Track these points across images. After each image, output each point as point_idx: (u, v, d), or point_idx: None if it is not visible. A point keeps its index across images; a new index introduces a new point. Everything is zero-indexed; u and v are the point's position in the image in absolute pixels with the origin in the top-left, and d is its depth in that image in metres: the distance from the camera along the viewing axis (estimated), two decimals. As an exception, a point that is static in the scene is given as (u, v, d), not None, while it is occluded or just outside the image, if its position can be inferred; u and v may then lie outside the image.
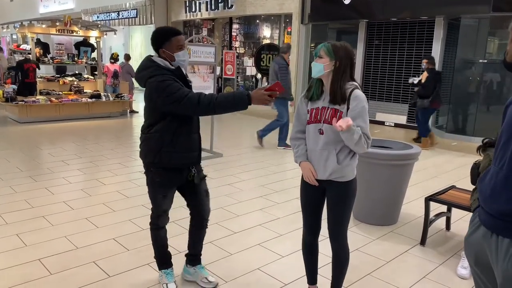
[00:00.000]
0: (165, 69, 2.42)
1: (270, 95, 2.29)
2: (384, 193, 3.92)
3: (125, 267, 3.06)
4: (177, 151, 2.48)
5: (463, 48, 8.81)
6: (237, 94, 2.35)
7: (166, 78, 2.36)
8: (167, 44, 2.42)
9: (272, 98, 2.31)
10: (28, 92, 9.39)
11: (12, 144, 7.15)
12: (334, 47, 2.26)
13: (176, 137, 2.46)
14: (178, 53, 2.42)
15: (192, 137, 2.53)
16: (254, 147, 7.37)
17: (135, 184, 5.05)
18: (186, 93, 2.33)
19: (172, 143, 2.46)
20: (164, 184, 2.57)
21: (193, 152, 2.54)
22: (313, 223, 2.52)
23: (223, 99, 2.33)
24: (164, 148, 2.47)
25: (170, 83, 2.35)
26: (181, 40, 2.45)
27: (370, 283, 2.97)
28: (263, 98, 2.29)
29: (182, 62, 2.46)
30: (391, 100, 10.36)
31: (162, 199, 2.61)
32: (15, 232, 3.56)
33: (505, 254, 1.38)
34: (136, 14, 16.23)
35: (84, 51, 11.33)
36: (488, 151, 3.48)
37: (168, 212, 2.69)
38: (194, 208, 2.76)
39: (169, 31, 2.48)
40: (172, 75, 2.41)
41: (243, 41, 15.05)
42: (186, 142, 2.50)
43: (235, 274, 3.00)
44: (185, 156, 2.51)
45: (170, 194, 2.62)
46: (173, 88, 2.33)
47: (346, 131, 2.15)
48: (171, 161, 2.50)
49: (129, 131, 9.03)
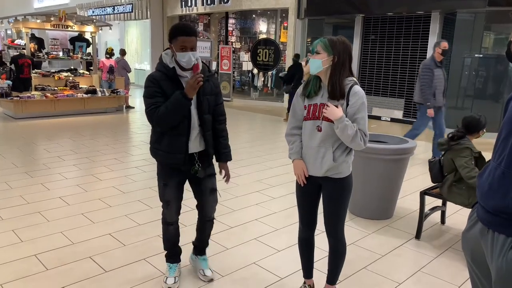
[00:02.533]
0: (163, 66, 2.49)
1: (195, 77, 2.37)
2: (380, 187, 3.94)
3: (122, 262, 3.06)
4: (161, 150, 2.55)
5: (459, 43, 8.82)
6: (172, 98, 2.41)
7: (151, 80, 2.47)
8: (174, 41, 2.44)
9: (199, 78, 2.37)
10: (23, 87, 9.33)
11: (8, 140, 7.12)
12: (331, 42, 2.23)
13: (162, 136, 2.53)
14: (179, 53, 2.41)
15: (177, 139, 2.51)
16: (250, 142, 7.37)
17: (131, 179, 5.05)
18: (150, 104, 2.44)
19: (158, 141, 2.55)
20: (163, 172, 2.64)
21: (177, 154, 2.52)
22: (309, 218, 2.52)
23: (164, 107, 2.41)
24: (154, 144, 2.59)
25: (149, 86, 2.46)
26: (185, 41, 2.38)
27: (366, 276, 2.99)
28: (191, 84, 2.38)
29: (183, 63, 2.44)
30: (387, 95, 10.38)
31: (163, 188, 2.64)
32: (11, 228, 3.56)
33: (500, 250, 1.37)
34: (132, 9, 16.13)
35: (79, 46, 11.26)
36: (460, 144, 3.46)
37: (172, 205, 2.67)
38: (198, 204, 2.79)
39: (179, 29, 2.43)
40: (165, 73, 2.46)
41: (239, 36, 15.02)
42: (171, 143, 2.51)
43: (232, 269, 3.01)
44: (168, 156, 2.54)
45: (171, 184, 2.62)
46: (147, 92, 2.47)
47: (335, 122, 2.15)
48: (157, 158, 2.61)
49: (125, 126, 9.00)
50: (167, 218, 2.72)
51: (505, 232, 1.37)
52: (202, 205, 2.76)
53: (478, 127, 3.47)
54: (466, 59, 8.87)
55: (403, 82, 10.10)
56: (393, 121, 10.21)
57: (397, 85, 10.21)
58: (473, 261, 1.55)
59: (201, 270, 2.86)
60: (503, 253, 1.36)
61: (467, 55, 8.81)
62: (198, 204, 2.79)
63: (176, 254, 2.84)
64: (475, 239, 1.51)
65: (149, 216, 3.87)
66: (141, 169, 5.51)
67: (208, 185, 2.70)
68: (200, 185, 2.68)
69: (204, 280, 2.83)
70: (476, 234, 1.50)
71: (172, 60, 2.47)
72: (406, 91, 10.06)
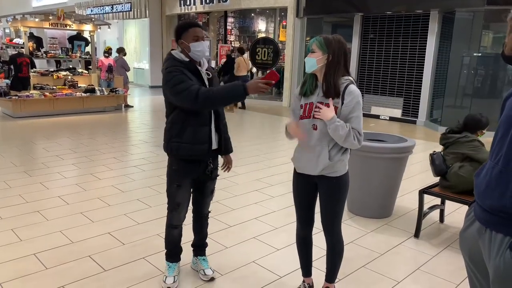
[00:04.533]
0: (178, 61, 2.46)
1: (266, 83, 2.31)
2: (379, 186, 3.95)
3: (121, 261, 3.06)
4: (184, 142, 2.50)
5: (457, 42, 8.83)
6: (233, 86, 2.40)
7: (174, 70, 2.41)
8: (184, 34, 2.47)
9: (268, 86, 2.34)
10: (21, 86, 9.30)
11: (6, 139, 7.11)
12: (326, 40, 2.24)
13: (184, 129, 2.49)
14: (194, 43, 2.45)
15: (201, 130, 2.51)
16: (249, 140, 7.37)
17: (130, 178, 5.05)
18: (187, 87, 2.35)
19: (179, 135, 2.51)
20: (179, 172, 2.59)
21: (200, 145, 2.51)
22: (306, 217, 2.53)
23: (220, 91, 2.37)
24: (173, 139, 2.53)
25: (176, 75, 2.39)
26: (197, 31, 2.48)
27: (364, 275, 3.00)
28: (258, 86, 2.31)
29: (197, 53, 2.48)
30: (386, 94, 10.39)
31: (176, 189, 2.61)
32: (10, 227, 3.55)
33: (498, 249, 1.37)
34: (130, 7, 16.11)
35: (78, 45, 11.22)
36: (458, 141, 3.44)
37: (182, 207, 2.66)
38: (195, 203, 2.81)
39: (189, 22, 2.55)
40: (184, 67, 2.44)
41: (238, 35, 15.00)
42: (194, 134, 2.50)
43: (231, 267, 3.02)
44: (192, 148, 2.50)
45: (185, 185, 2.61)
46: (177, 80, 2.37)
47: (328, 122, 2.16)
48: (179, 152, 2.53)
49: (124, 125, 8.99)
50: (174, 221, 2.69)
51: (503, 231, 1.36)
52: (201, 203, 2.80)
53: (477, 127, 3.49)
54: (465, 58, 8.88)
55: (401, 80, 10.11)
56: (391, 119, 10.22)
57: (395, 83, 10.22)
58: (471, 260, 1.55)
59: (201, 270, 2.87)
60: (500, 252, 1.36)
61: (466, 54, 8.81)
62: (195, 202, 2.81)
63: (177, 254, 2.85)
64: (472, 238, 1.51)
65: (148, 215, 3.87)
66: (140, 168, 5.51)
67: (211, 186, 2.76)
68: (205, 185, 2.72)
69: (205, 279, 2.83)
70: (474, 233, 1.50)
71: (183, 56, 2.49)
72: (405, 90, 10.07)
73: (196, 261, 2.93)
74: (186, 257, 3.03)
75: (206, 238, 2.95)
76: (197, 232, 2.90)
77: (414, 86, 9.90)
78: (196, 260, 2.94)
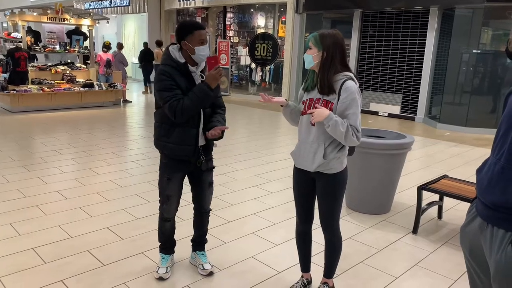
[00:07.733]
0: (173, 60, 2.48)
1: (215, 70, 2.42)
2: (377, 182, 3.95)
3: (119, 256, 3.07)
4: (171, 143, 2.55)
5: (457, 39, 8.82)
6: (197, 88, 2.45)
7: (164, 73, 2.45)
8: (189, 37, 2.45)
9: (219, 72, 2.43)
10: (19, 81, 9.26)
11: (4, 133, 7.08)
12: (321, 37, 2.23)
13: (172, 129, 2.53)
14: (199, 47, 2.45)
15: (188, 132, 2.53)
16: (248, 136, 7.37)
17: (128, 173, 5.05)
18: (168, 99, 2.41)
19: (167, 134, 2.55)
20: (169, 166, 2.64)
21: (186, 146, 2.55)
22: (305, 212, 2.53)
23: (190, 98, 2.43)
24: (160, 138, 2.58)
25: (163, 79, 2.44)
26: (203, 34, 2.47)
27: (363, 270, 3.01)
28: (213, 76, 2.43)
29: (201, 57, 2.49)
30: (385, 90, 10.39)
31: (166, 182, 2.65)
32: (8, 222, 3.55)
33: (499, 245, 1.37)
34: (129, 2, 16.02)
35: (76, 40, 11.18)
36: None
37: (172, 200, 2.69)
38: (195, 197, 2.82)
39: (194, 24, 2.52)
40: (175, 68, 2.45)
41: (237, 30, 14.94)
42: (182, 135, 2.53)
43: (230, 262, 3.02)
44: (178, 148, 2.55)
45: (175, 179, 2.64)
46: (163, 86, 2.44)
47: (325, 120, 2.16)
48: (165, 151, 2.61)
49: (122, 120, 8.97)
50: (165, 214, 2.74)
51: (505, 227, 1.37)
52: (200, 197, 2.80)
53: None
54: (464, 55, 8.87)
55: (401, 77, 10.10)
56: (390, 116, 10.23)
57: (395, 80, 10.21)
58: (471, 256, 1.55)
59: (200, 264, 2.88)
60: (502, 248, 1.36)
61: (465, 51, 8.81)
62: (195, 197, 2.82)
63: (170, 246, 2.89)
64: (473, 234, 1.51)
65: (146, 210, 3.87)
66: (138, 163, 5.51)
67: (207, 179, 2.76)
68: (201, 178, 2.72)
69: (203, 274, 2.84)
70: (475, 229, 1.50)
71: (181, 55, 2.49)
72: (404, 87, 10.07)
73: (195, 256, 2.95)
74: (185, 252, 3.04)
75: (206, 235, 2.96)
76: (197, 228, 2.91)
77: (413, 83, 9.89)
78: (195, 255, 2.95)
